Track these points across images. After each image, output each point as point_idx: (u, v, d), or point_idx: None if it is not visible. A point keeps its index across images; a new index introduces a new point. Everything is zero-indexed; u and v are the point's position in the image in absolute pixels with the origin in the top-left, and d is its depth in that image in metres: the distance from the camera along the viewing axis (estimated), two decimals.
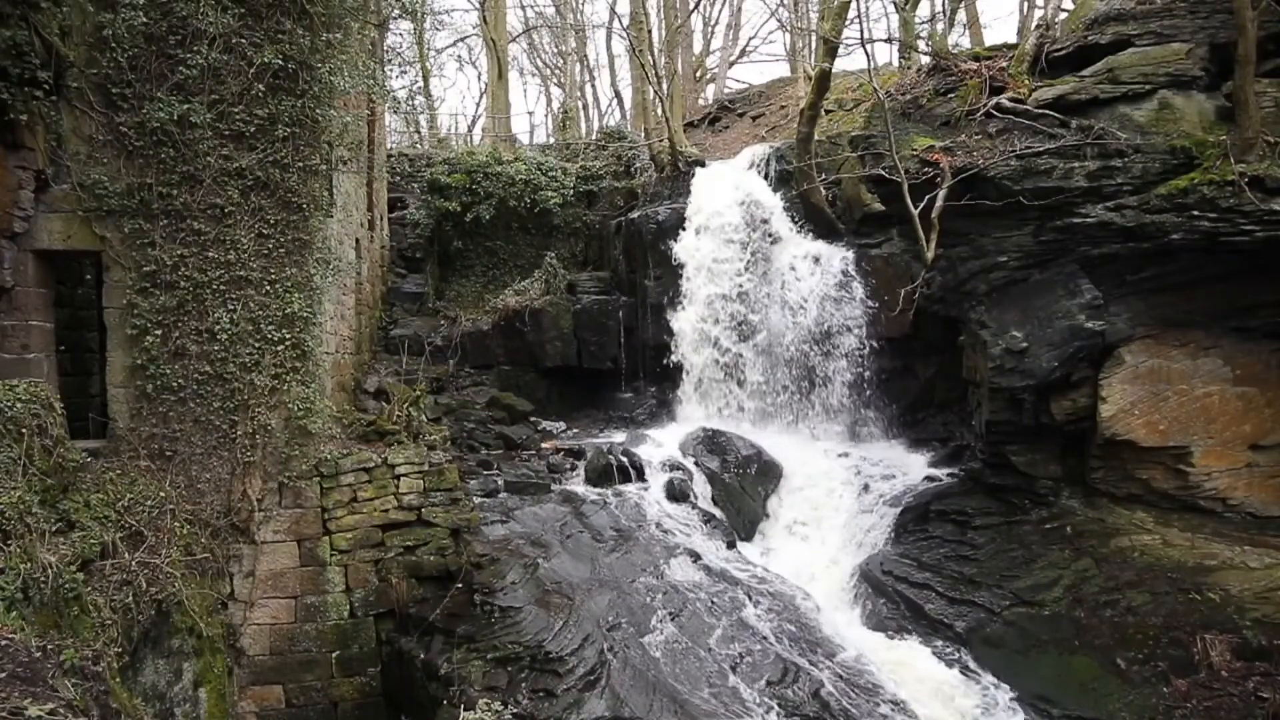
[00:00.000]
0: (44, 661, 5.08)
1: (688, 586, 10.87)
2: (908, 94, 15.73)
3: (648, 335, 17.74)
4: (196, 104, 9.08)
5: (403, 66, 15.27)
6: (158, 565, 8.20)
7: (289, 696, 9.72)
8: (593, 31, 39.02)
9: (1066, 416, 12.49)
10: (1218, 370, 11.98)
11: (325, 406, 10.29)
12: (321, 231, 10.09)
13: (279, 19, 9.35)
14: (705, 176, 18.02)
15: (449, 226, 19.67)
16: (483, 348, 17.84)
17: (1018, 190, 12.29)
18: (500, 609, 9.69)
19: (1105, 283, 12.25)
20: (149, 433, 9.32)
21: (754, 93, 26.50)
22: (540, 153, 22.33)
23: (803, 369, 15.97)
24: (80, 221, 9.19)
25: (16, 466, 7.09)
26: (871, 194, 15.17)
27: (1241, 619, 10.47)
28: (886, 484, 14.19)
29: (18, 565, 6.35)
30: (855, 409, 15.78)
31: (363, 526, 10.09)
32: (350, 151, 11.67)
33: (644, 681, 8.99)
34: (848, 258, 15.69)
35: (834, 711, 9.02)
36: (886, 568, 12.31)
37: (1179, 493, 12.10)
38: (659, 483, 13.75)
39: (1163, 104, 12.27)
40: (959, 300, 13.44)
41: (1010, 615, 11.22)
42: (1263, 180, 10.86)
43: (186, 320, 9.33)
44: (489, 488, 12.75)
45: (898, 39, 20.48)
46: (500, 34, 28.57)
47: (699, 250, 17.09)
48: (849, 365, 15.64)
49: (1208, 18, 12.28)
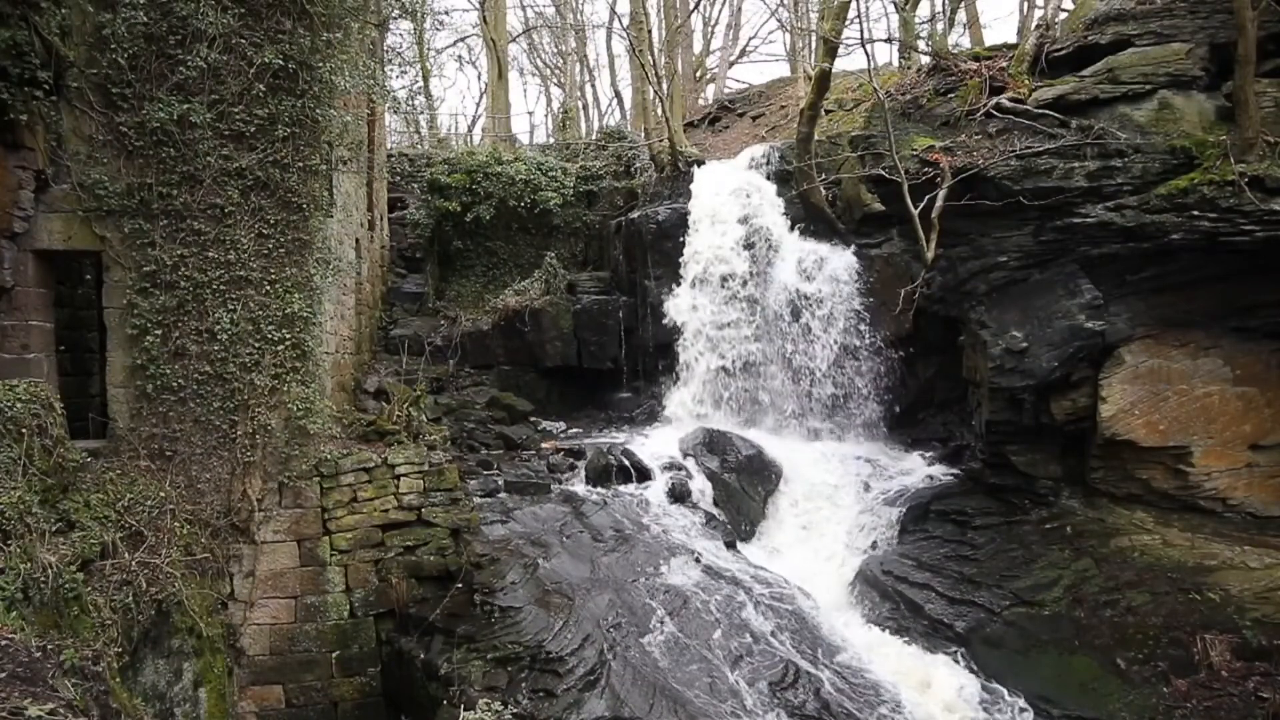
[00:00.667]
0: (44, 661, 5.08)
1: (688, 586, 10.86)
2: (908, 94, 15.73)
3: (648, 335, 17.73)
4: (196, 104, 9.08)
5: (403, 66, 15.28)
6: (158, 565, 8.20)
7: (289, 696, 9.72)
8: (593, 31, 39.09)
9: (1066, 416, 12.49)
10: (1218, 370, 11.98)
11: (325, 406, 10.29)
12: (321, 231, 10.09)
13: (279, 19, 9.35)
14: (705, 176, 18.01)
15: (449, 226, 19.67)
16: (483, 348, 17.84)
17: (1018, 190, 12.30)
18: (500, 609, 9.69)
19: (1105, 283, 12.25)
20: (149, 433, 9.32)
21: (754, 93, 26.49)
22: (540, 153, 22.31)
23: (803, 369, 15.96)
24: (80, 221, 9.19)
25: (16, 466, 7.08)
26: (871, 194, 15.17)
27: (1241, 619, 10.48)
28: (886, 484, 14.20)
29: (18, 565, 6.35)
30: (855, 409, 15.77)
31: (363, 526, 10.09)
32: (350, 151, 11.66)
33: (644, 681, 8.99)
34: (848, 258, 15.70)
35: (834, 711, 9.02)
36: (887, 568, 12.31)
37: (1179, 493, 12.10)
38: (659, 483, 13.75)
39: (1163, 104, 12.27)
40: (959, 300, 13.44)
41: (1010, 615, 11.22)
42: (1263, 180, 10.86)
43: (186, 320, 9.32)
44: (489, 488, 12.75)
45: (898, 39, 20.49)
46: (500, 34, 28.59)
47: (699, 250, 17.09)
48: (849, 365, 15.64)
49: (1208, 18, 12.29)
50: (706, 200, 17.34)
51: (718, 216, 17.07)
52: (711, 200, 17.28)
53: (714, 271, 16.88)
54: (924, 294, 13.88)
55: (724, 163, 19.06)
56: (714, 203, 17.21)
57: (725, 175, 17.92)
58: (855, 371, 15.62)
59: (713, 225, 17.07)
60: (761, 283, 16.55)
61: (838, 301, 15.61)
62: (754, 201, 16.98)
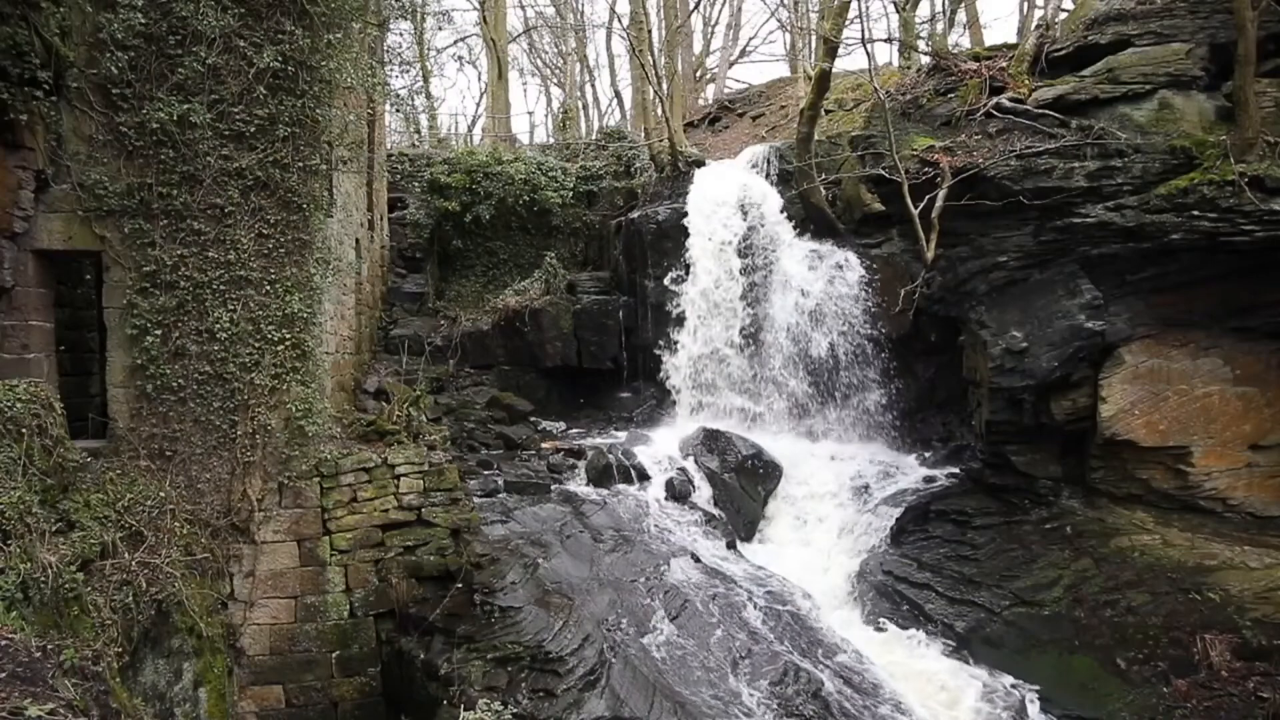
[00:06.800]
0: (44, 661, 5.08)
1: (688, 586, 10.87)
2: (908, 94, 15.73)
3: (648, 335, 17.74)
4: (196, 104, 9.08)
5: (403, 66, 15.27)
6: (158, 565, 8.20)
7: (289, 696, 9.72)
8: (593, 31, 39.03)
9: (1066, 416, 12.49)
10: (1218, 370, 11.98)
11: (325, 406, 10.29)
12: (321, 231, 10.09)
13: (279, 19, 9.34)
14: (705, 176, 18.02)
15: (449, 226, 19.67)
16: (483, 348, 17.84)
17: (1018, 190, 12.29)
18: (500, 609, 9.69)
19: (1105, 283, 12.25)
20: (149, 433, 9.32)
21: (754, 93, 26.52)
22: (540, 153, 22.32)
23: (803, 369, 15.97)
24: (80, 221, 9.19)
25: (16, 466, 7.08)
26: (871, 194, 15.17)
27: (1241, 619, 10.48)
28: (886, 484, 14.20)
29: (18, 565, 6.35)
30: (855, 409, 15.77)
31: (363, 526, 10.08)
32: (350, 151, 11.67)
33: (644, 681, 8.99)
34: (848, 258, 15.69)
35: (834, 711, 9.02)
36: (886, 568, 12.31)
37: (1179, 493, 12.09)
38: (659, 483, 13.76)
39: (1163, 104, 12.27)
40: (959, 300, 13.44)
41: (1010, 615, 11.23)
42: (1263, 180, 10.86)
43: (186, 320, 9.32)
44: (489, 488, 12.75)
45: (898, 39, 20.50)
46: (500, 34, 28.59)
47: (699, 250, 17.09)
48: (849, 365, 15.64)
49: (1208, 18, 12.28)
50: (706, 200, 17.34)
51: (717, 216, 17.07)
52: (711, 200, 17.27)
53: (714, 271, 16.88)
54: (924, 294, 13.88)
55: (724, 163, 19.07)
56: (714, 203, 17.21)
57: (725, 175, 17.93)
58: (855, 371, 15.61)
59: (712, 225, 17.06)
60: (761, 283, 16.54)
61: (838, 301, 15.61)
62: (754, 202, 16.98)
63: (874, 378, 15.56)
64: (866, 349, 15.50)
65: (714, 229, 17.00)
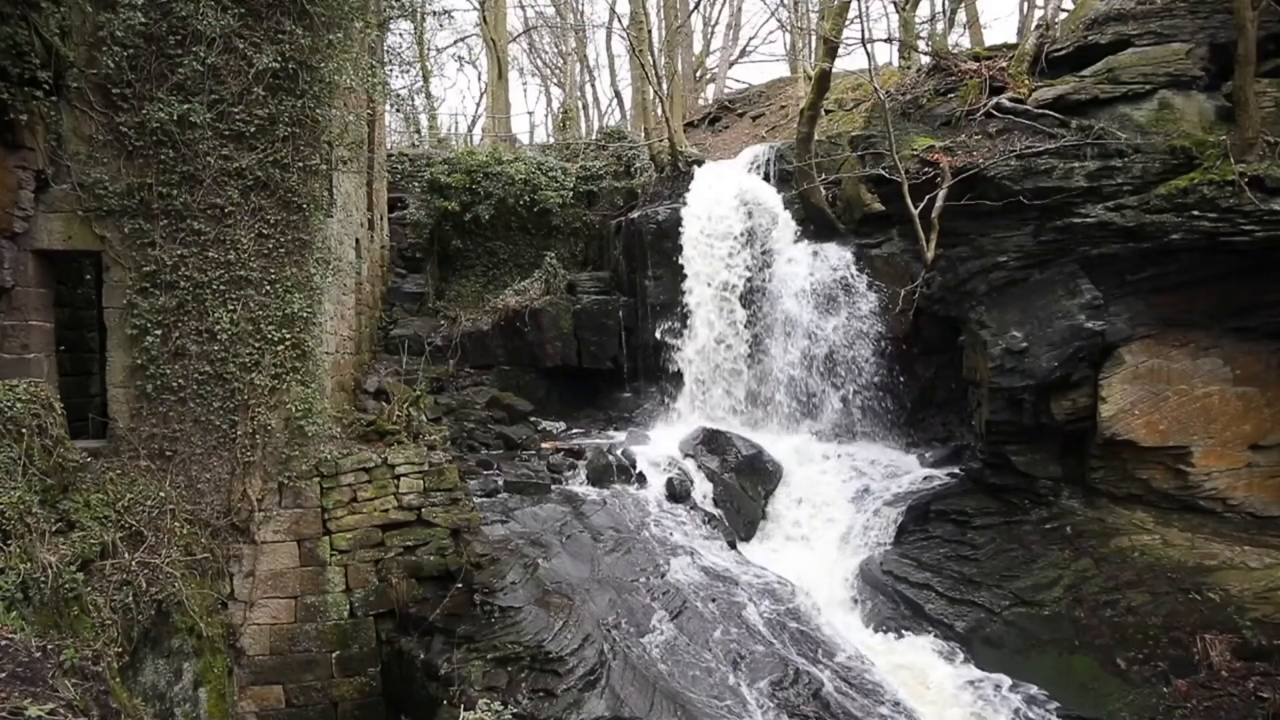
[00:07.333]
0: (44, 661, 5.08)
1: (688, 586, 10.87)
2: (908, 94, 15.73)
3: (648, 335, 17.73)
4: (196, 104, 9.07)
5: (403, 66, 15.26)
6: (158, 565, 8.19)
7: (289, 696, 9.71)
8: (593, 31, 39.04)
9: (1066, 416, 12.49)
10: (1218, 370, 11.98)
11: (325, 406, 10.28)
12: (321, 231, 10.09)
13: (279, 19, 9.34)
14: (705, 176, 18.02)
15: (449, 226, 19.68)
16: (483, 348, 17.84)
17: (1018, 190, 12.29)
18: (500, 609, 9.69)
19: (1105, 283, 12.25)
20: (149, 433, 9.32)
21: (754, 93, 26.51)
22: (540, 153, 22.32)
23: (802, 369, 15.97)
24: (80, 221, 9.18)
25: (16, 466, 7.08)
26: (871, 194, 15.17)
27: (1241, 619, 10.49)
28: (887, 484, 14.20)
29: (18, 565, 6.34)
30: (855, 409, 15.77)
31: (363, 526, 10.08)
32: (350, 151, 11.66)
33: (644, 681, 9.00)
34: (848, 258, 15.70)
35: (834, 712, 9.02)
36: (887, 567, 12.31)
37: (1179, 493, 12.09)
38: (659, 483, 13.76)
39: (1163, 104, 12.27)
40: (959, 300, 13.44)
41: (1010, 615, 11.23)
42: (1263, 180, 10.86)
43: (186, 320, 9.32)
44: (489, 488, 12.75)
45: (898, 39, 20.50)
46: (500, 34, 28.59)
47: (699, 250, 17.10)
48: (849, 365, 15.64)
49: (1208, 18, 12.29)
50: (706, 200, 17.34)
51: (717, 216, 17.07)
52: (711, 200, 17.27)
53: (714, 271, 16.89)
54: (924, 294, 13.88)
55: (724, 163, 19.06)
56: (714, 203, 17.21)
57: (725, 175, 17.92)
58: (855, 371, 15.62)
59: (712, 225, 17.06)
60: (761, 282, 16.55)
61: (837, 302, 15.61)
62: (754, 201, 16.98)
63: (874, 378, 15.56)
64: (866, 349, 15.50)
65: (714, 229, 17.00)
